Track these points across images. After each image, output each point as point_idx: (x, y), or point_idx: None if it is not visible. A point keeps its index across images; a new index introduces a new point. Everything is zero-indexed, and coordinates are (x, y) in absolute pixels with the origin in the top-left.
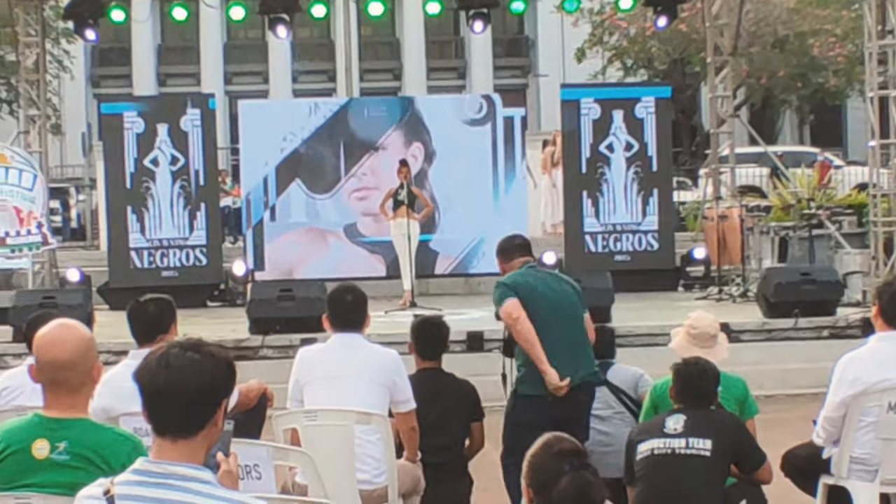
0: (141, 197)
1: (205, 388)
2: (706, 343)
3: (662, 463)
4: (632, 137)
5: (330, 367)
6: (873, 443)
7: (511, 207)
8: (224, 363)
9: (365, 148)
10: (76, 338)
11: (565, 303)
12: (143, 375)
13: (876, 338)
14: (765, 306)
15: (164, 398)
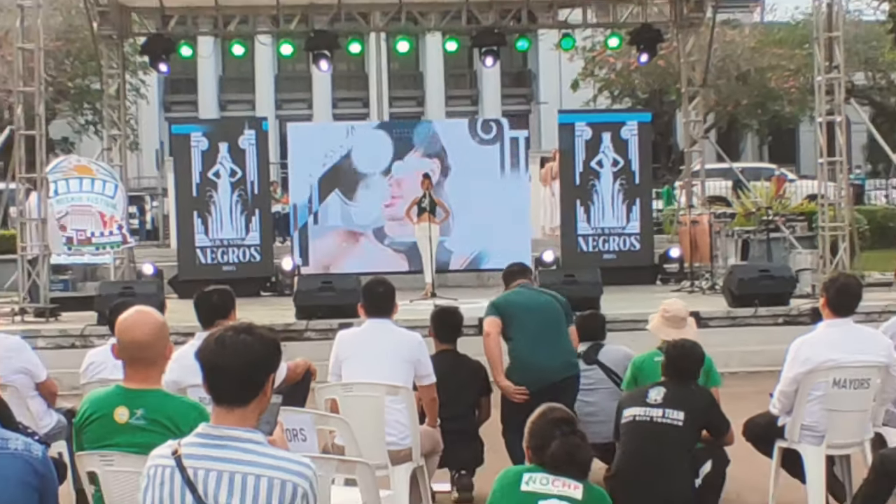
0: (205, 204)
1: (254, 364)
2: (678, 325)
3: (641, 428)
4: (618, 155)
5: (364, 347)
6: (821, 413)
7: (516, 214)
8: (271, 343)
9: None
10: (152, 322)
11: (545, 310)
12: (203, 354)
13: (824, 324)
14: (729, 297)
15: (220, 373)
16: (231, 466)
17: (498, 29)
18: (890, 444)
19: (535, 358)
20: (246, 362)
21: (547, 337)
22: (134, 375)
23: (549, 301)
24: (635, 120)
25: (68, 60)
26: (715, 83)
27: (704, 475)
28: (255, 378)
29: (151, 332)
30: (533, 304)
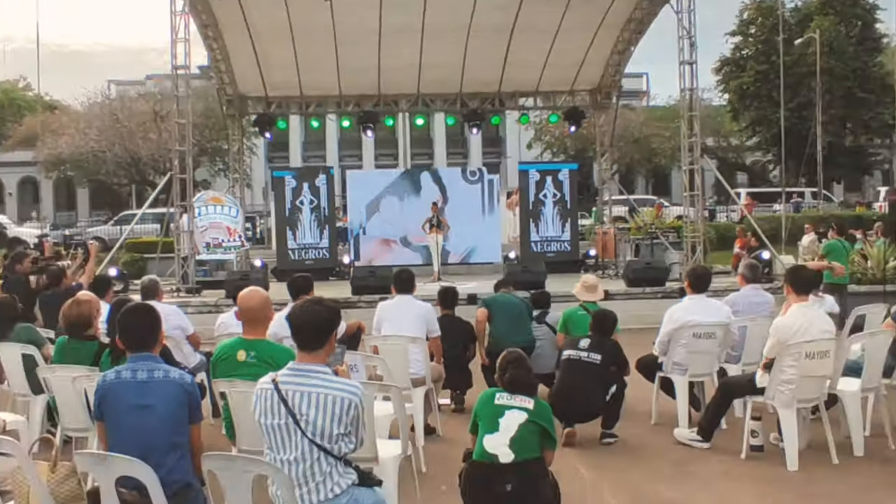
0: (293, 221)
1: (322, 324)
2: (591, 290)
3: (573, 364)
4: (556, 191)
5: (395, 313)
6: (685, 354)
7: (491, 228)
8: (333, 310)
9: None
10: (261, 296)
11: (513, 307)
12: (292, 316)
13: (687, 298)
14: (627, 281)
15: (302, 329)
16: (309, 388)
17: (480, 110)
18: (729, 374)
19: (507, 337)
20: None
21: (514, 324)
22: (249, 331)
23: (518, 303)
24: (567, 168)
25: (207, 130)
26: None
27: (612, 393)
28: (323, 333)
29: (260, 302)
30: (508, 303)
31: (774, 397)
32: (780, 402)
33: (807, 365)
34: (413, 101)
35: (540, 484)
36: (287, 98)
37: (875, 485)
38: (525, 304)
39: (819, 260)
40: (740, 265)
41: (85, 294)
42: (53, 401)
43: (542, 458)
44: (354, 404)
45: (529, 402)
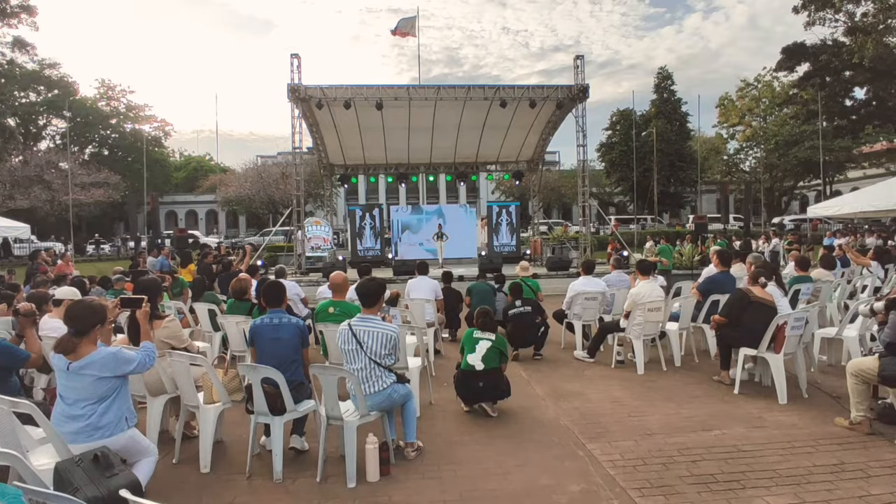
0: (361, 235)
1: (373, 292)
2: (525, 270)
3: (518, 316)
4: (508, 218)
5: (418, 285)
6: (581, 308)
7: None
8: (381, 285)
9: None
10: (342, 275)
11: (483, 291)
12: (358, 287)
13: (582, 278)
14: (547, 268)
15: (364, 294)
16: (368, 328)
17: (465, 171)
18: (605, 320)
19: (478, 306)
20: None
21: (483, 300)
22: (336, 296)
23: (487, 287)
24: (514, 205)
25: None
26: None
27: (541, 331)
28: (376, 296)
29: (342, 279)
30: (481, 289)
31: (630, 332)
32: (633, 335)
33: (648, 315)
34: (427, 167)
35: (499, 382)
36: (356, 165)
37: (686, 383)
38: (491, 288)
39: (654, 257)
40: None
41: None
42: (226, 335)
43: (500, 367)
44: (394, 338)
45: (493, 336)
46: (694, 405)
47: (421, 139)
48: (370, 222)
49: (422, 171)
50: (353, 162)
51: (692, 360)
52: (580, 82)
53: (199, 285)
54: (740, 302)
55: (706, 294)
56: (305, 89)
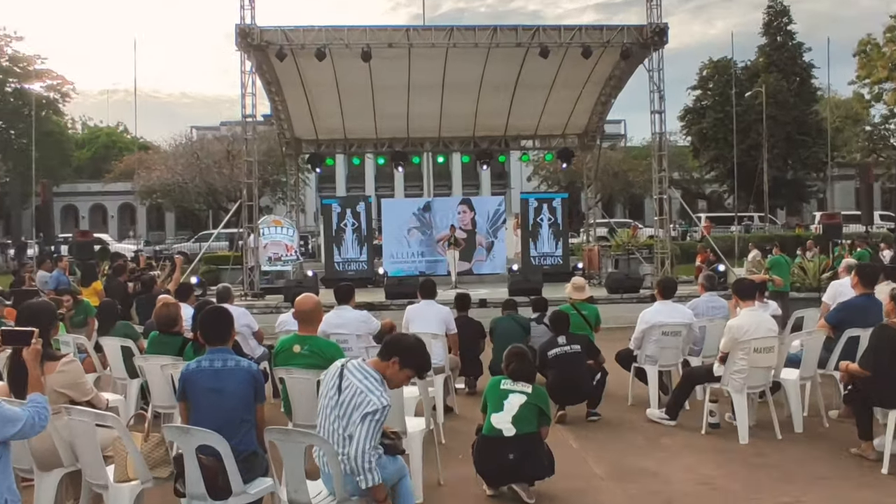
0: (339, 240)
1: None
2: (580, 290)
3: (562, 358)
4: (551, 216)
5: (420, 314)
6: (655, 349)
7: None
8: (404, 342)
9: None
10: (313, 301)
11: (511, 332)
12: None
13: (657, 303)
14: (608, 288)
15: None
16: (365, 385)
17: (489, 150)
18: (692, 365)
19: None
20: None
21: (512, 339)
22: (303, 328)
23: (516, 328)
24: (559, 197)
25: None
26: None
27: (597, 380)
28: (397, 346)
29: (313, 306)
30: (508, 328)
31: (728, 384)
32: (733, 387)
33: (755, 357)
34: (435, 143)
35: (537, 454)
36: (333, 140)
37: (811, 457)
38: (522, 328)
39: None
40: (700, 276)
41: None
42: (146, 384)
43: (538, 432)
44: (375, 408)
45: (528, 387)
46: (822, 491)
47: (426, 103)
48: (352, 222)
49: (427, 148)
50: (329, 136)
51: (819, 425)
52: (655, 21)
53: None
54: (888, 343)
55: (840, 327)
56: (261, 33)
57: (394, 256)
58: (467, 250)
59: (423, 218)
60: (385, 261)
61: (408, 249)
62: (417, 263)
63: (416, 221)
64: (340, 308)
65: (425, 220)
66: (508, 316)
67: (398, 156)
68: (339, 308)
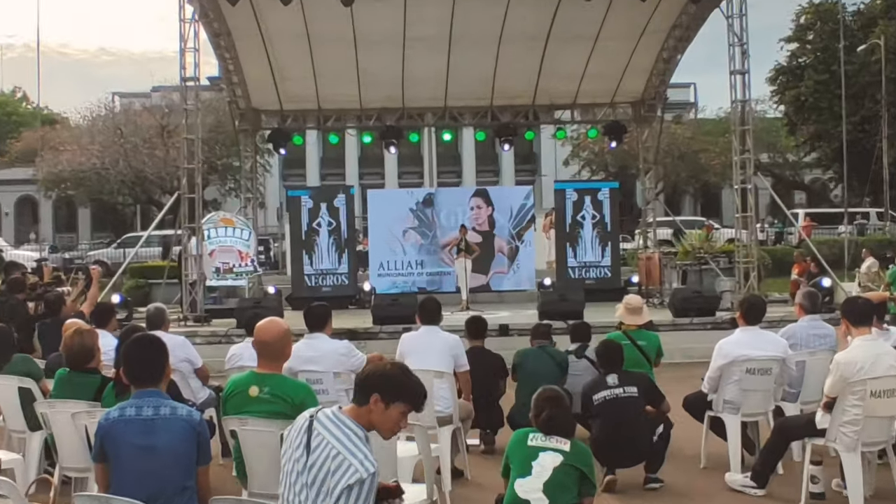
0: (310, 245)
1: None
2: (636, 312)
3: (611, 404)
4: (596, 212)
5: (420, 345)
6: (737, 392)
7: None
8: (379, 373)
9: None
10: (280, 329)
11: (541, 368)
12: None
13: (739, 330)
14: (673, 310)
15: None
16: (344, 444)
17: (512, 124)
18: (786, 414)
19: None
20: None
21: (544, 376)
22: (264, 364)
23: (551, 365)
24: (607, 187)
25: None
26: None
27: (658, 434)
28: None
29: (279, 336)
30: (539, 366)
31: (836, 439)
32: (842, 444)
33: (873, 404)
34: (440, 115)
35: None
36: (303, 112)
37: None
38: (558, 364)
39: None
40: (798, 293)
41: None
42: (52, 438)
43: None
44: (357, 480)
45: (566, 443)
46: None
47: (427, 62)
48: (328, 221)
49: (429, 122)
50: (297, 106)
51: None
52: None
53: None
54: None
55: None
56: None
57: (384, 267)
58: (483, 259)
59: (423, 215)
60: (372, 273)
61: (403, 258)
62: (416, 277)
63: (413, 220)
64: (313, 337)
65: (426, 218)
66: (539, 348)
67: (390, 132)
68: (311, 337)
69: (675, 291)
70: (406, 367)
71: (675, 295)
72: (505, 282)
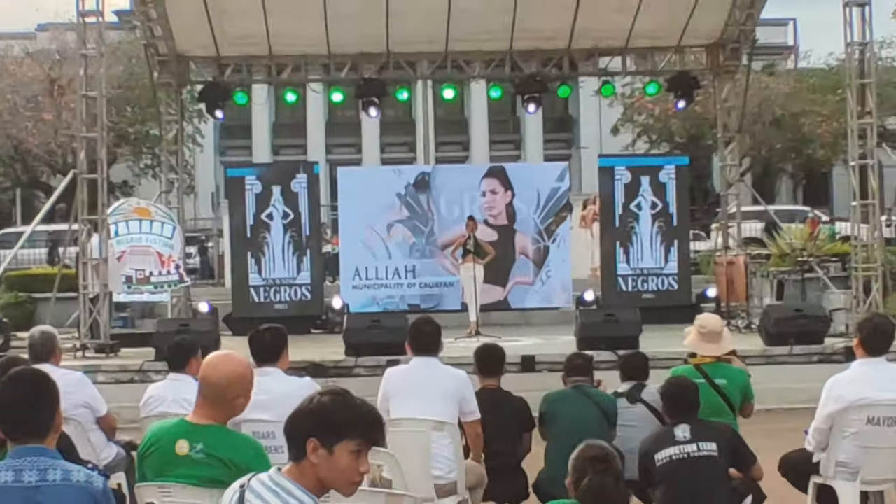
0: (258, 244)
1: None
2: (714, 339)
3: (681, 466)
4: (656, 198)
5: (411, 384)
6: (855, 450)
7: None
8: (305, 412)
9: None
10: (229, 369)
11: (580, 416)
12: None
13: (857, 363)
14: (765, 336)
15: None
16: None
17: (540, 76)
18: None
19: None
20: None
21: (587, 427)
22: (201, 411)
23: (594, 414)
24: (673, 164)
25: (129, 107)
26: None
27: None
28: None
29: (225, 377)
30: (576, 414)
31: None
32: None
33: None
34: (439, 64)
35: None
36: (249, 59)
37: None
38: (606, 413)
39: None
40: None
41: None
42: None
43: None
44: None
45: None
46: None
47: None
48: (283, 211)
49: (423, 73)
50: (240, 51)
51: None
52: None
53: None
54: None
55: None
56: None
57: (361, 276)
58: (499, 264)
59: (415, 203)
60: (345, 284)
61: (387, 263)
62: (405, 290)
63: (402, 210)
64: (262, 373)
65: (420, 206)
66: (576, 388)
67: (369, 88)
68: (261, 373)
69: (767, 310)
70: (344, 390)
71: (769, 314)
72: (530, 296)
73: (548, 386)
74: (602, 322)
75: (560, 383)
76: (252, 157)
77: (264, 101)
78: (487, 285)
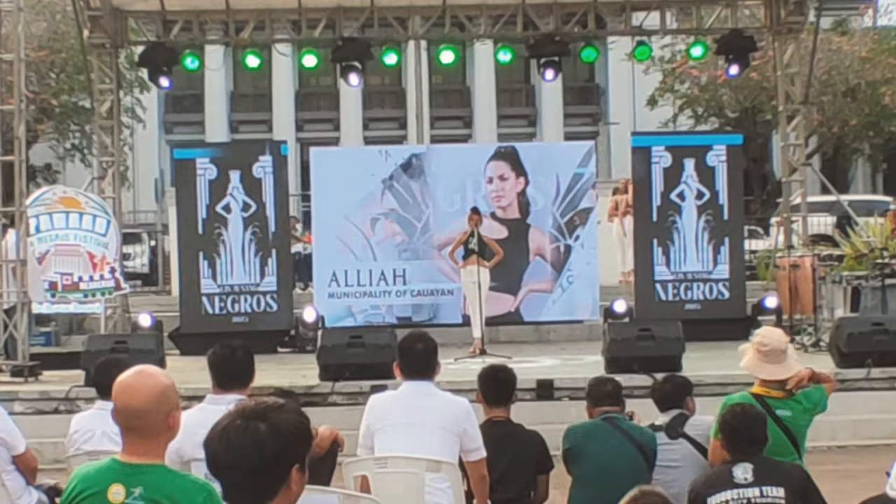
0: (213, 243)
1: (267, 461)
2: (777, 358)
3: None
4: (703, 186)
5: (401, 415)
6: None
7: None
8: (288, 434)
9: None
10: (151, 386)
11: (612, 455)
12: (208, 447)
13: None
14: (837, 356)
15: (226, 472)
16: None
17: (560, 36)
18: None
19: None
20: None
21: (615, 489)
22: (131, 448)
23: (628, 451)
24: (724, 143)
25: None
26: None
27: None
28: (269, 475)
29: (150, 398)
30: (608, 452)
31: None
32: None
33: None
34: (435, 20)
35: None
36: (200, 14)
37: None
38: (639, 449)
39: None
40: None
41: None
42: None
43: None
44: None
45: None
46: None
47: None
48: (243, 202)
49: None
50: (189, 4)
51: None
52: None
53: None
54: None
55: None
56: None
57: (339, 282)
58: (509, 267)
59: (406, 192)
60: (319, 292)
61: (371, 265)
62: (393, 298)
63: (389, 199)
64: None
65: (412, 196)
66: (605, 420)
67: (349, 49)
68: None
69: (840, 323)
70: (292, 397)
71: (842, 329)
72: (547, 307)
73: (569, 417)
74: (636, 339)
75: (584, 414)
76: (205, 136)
77: (220, 66)
78: (495, 293)
